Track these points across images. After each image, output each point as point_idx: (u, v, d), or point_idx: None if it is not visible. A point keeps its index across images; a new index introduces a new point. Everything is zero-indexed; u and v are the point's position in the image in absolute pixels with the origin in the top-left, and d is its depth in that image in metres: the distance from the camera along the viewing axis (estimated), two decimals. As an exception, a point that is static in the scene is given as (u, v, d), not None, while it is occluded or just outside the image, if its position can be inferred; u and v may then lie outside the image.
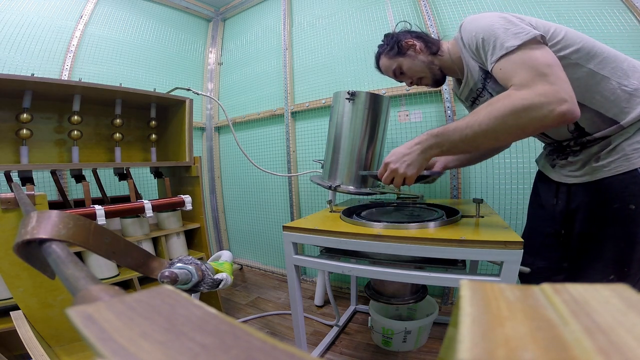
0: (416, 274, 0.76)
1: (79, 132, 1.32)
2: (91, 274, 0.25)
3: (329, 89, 1.86)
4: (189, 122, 1.47)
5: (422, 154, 0.75)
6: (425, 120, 1.59)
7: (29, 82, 1.10)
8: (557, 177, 0.86)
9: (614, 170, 0.72)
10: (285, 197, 2.08)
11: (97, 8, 1.88)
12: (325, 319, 1.54)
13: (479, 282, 0.16)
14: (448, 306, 1.59)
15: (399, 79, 0.99)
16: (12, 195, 0.79)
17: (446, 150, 0.72)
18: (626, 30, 1.29)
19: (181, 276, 0.50)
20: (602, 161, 0.73)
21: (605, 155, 0.73)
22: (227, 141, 2.37)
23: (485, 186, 1.46)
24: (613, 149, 0.72)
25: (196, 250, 1.56)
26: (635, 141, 0.70)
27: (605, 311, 0.13)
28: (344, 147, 1.26)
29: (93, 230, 0.38)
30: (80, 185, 1.24)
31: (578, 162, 0.79)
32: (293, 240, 0.92)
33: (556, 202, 0.87)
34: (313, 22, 2.02)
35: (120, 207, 1.20)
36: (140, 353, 0.12)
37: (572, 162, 0.81)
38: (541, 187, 0.96)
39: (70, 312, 0.15)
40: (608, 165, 0.72)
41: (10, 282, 0.81)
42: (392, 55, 0.94)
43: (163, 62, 2.16)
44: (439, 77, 0.93)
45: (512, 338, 0.12)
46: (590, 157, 0.76)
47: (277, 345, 0.13)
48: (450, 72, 0.93)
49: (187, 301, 0.17)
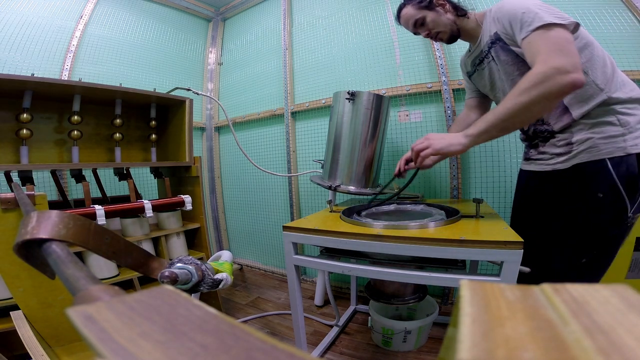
0: (416, 274, 0.76)
1: (79, 132, 1.32)
2: (91, 274, 0.25)
3: (329, 89, 1.86)
4: (189, 122, 1.47)
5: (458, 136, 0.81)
6: (425, 120, 1.59)
7: (29, 82, 1.10)
8: (529, 167, 0.97)
9: (579, 158, 0.80)
10: (285, 197, 2.08)
11: (97, 8, 1.88)
12: (325, 319, 1.54)
13: (479, 282, 0.16)
14: (448, 306, 1.59)
15: (416, 29, 1.02)
16: (12, 195, 0.79)
17: (484, 131, 0.78)
18: (626, 30, 1.29)
19: (181, 276, 0.50)
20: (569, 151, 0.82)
21: (569, 145, 0.82)
22: (227, 141, 2.37)
23: (485, 186, 1.46)
24: (577, 140, 0.80)
25: (196, 250, 1.56)
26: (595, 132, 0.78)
27: (605, 311, 0.13)
28: (344, 147, 1.26)
29: (93, 230, 0.38)
30: (80, 185, 1.24)
31: (546, 152, 0.89)
32: (293, 240, 0.92)
33: (527, 190, 0.99)
34: (313, 22, 2.02)
35: (120, 207, 1.20)
36: (140, 353, 0.12)
37: (542, 152, 0.90)
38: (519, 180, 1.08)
39: (70, 312, 0.15)
40: (576, 155, 0.81)
41: (10, 282, 0.81)
42: (421, 7, 0.98)
43: (163, 62, 2.16)
44: (455, 35, 0.99)
45: (512, 338, 0.12)
46: (557, 147, 0.85)
47: (277, 345, 0.13)
48: (465, 36, 1.00)
49: (187, 301, 0.17)
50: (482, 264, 1.41)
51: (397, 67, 1.67)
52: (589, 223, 0.79)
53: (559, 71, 0.68)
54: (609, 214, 0.76)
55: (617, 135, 0.76)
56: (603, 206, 0.76)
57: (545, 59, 0.70)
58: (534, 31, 0.74)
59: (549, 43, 0.71)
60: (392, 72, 1.69)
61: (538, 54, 0.72)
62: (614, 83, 0.77)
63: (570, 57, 0.69)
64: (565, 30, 0.72)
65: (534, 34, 0.74)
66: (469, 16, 0.96)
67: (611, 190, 0.75)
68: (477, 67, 1.02)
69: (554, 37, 0.71)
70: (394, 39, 1.69)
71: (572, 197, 0.82)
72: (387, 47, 1.71)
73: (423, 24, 0.99)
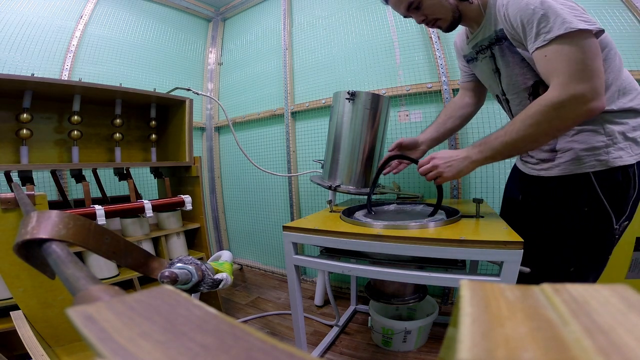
0: (416, 274, 0.76)
1: (79, 132, 1.32)
2: (91, 274, 0.25)
3: (329, 89, 1.86)
4: (189, 122, 1.47)
5: (465, 160, 0.80)
6: (425, 120, 1.59)
7: (29, 82, 1.10)
8: (520, 166, 0.96)
9: (563, 170, 0.78)
10: (285, 197, 2.08)
11: (97, 8, 1.88)
12: (325, 319, 1.54)
13: (479, 282, 0.16)
14: (448, 306, 1.59)
15: (410, 13, 0.87)
16: (12, 195, 0.79)
17: (490, 157, 0.77)
18: (626, 30, 1.29)
19: (181, 276, 0.50)
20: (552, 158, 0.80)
21: (553, 152, 0.80)
22: (227, 141, 2.37)
23: (485, 186, 1.46)
24: (560, 148, 0.78)
25: (196, 250, 1.56)
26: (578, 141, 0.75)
27: (605, 311, 0.13)
28: (344, 147, 1.26)
29: (93, 230, 0.38)
30: (80, 185, 1.24)
31: (533, 157, 0.87)
32: (293, 240, 0.92)
33: (518, 194, 0.97)
34: (313, 22, 2.02)
35: (120, 207, 1.20)
36: (140, 353, 0.12)
37: (530, 156, 0.89)
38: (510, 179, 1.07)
39: (70, 312, 0.15)
40: (559, 165, 0.79)
41: (10, 282, 0.81)
42: None
43: (163, 62, 2.16)
44: (456, 22, 0.87)
45: (512, 338, 0.12)
46: (542, 151, 0.83)
47: (277, 345, 0.13)
48: (465, 22, 0.88)
49: (187, 301, 0.17)
50: (482, 264, 1.41)
51: (397, 67, 1.67)
52: (576, 232, 0.77)
53: (578, 100, 0.62)
54: (595, 226, 0.75)
55: (600, 147, 0.72)
56: (589, 219, 0.75)
57: (564, 82, 0.63)
58: (553, 41, 0.63)
59: (570, 62, 0.62)
60: (392, 72, 1.69)
61: (556, 74, 0.64)
62: (614, 94, 0.73)
63: (593, 80, 0.61)
64: (592, 38, 0.62)
65: (553, 47, 0.64)
66: (473, 1, 0.82)
67: (596, 204, 0.74)
68: (477, 54, 0.92)
69: (577, 52, 0.62)
70: (394, 39, 1.69)
71: (557, 203, 0.80)
72: (387, 47, 1.71)
73: (418, 7, 0.84)
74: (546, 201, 0.83)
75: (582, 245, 0.77)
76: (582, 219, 0.76)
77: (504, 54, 0.82)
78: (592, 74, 0.62)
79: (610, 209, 0.73)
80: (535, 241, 0.80)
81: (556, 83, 0.65)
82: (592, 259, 0.79)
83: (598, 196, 0.73)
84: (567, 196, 0.78)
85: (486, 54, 0.88)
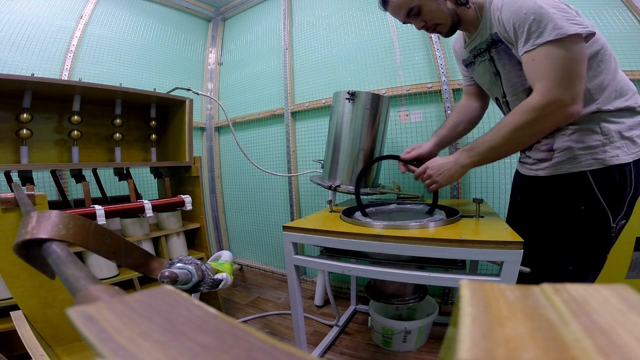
0: (416, 274, 0.76)
1: (79, 132, 1.32)
2: (91, 274, 0.25)
3: (329, 89, 1.86)
4: (189, 122, 1.47)
5: (455, 165, 0.85)
6: (425, 120, 1.59)
7: (29, 82, 1.10)
8: (519, 169, 0.97)
9: (560, 169, 0.79)
10: (285, 197, 2.08)
11: (97, 8, 1.88)
12: (325, 319, 1.54)
13: (479, 282, 0.16)
14: (448, 306, 1.59)
15: (410, 19, 0.87)
16: (12, 195, 0.79)
17: (477, 161, 0.82)
18: (626, 30, 1.29)
19: (181, 276, 0.50)
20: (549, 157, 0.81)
21: (550, 152, 0.81)
22: (227, 141, 2.37)
23: (485, 186, 1.46)
24: (557, 147, 0.79)
25: (196, 250, 1.56)
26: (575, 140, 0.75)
27: (605, 311, 0.13)
28: (344, 147, 1.26)
29: (93, 230, 0.38)
30: (80, 185, 1.24)
31: (530, 157, 0.88)
32: (293, 240, 0.92)
33: (517, 195, 0.99)
34: (313, 22, 2.02)
35: (120, 207, 1.20)
36: (140, 353, 0.12)
37: (528, 157, 0.89)
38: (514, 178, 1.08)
39: (70, 312, 0.15)
40: (556, 165, 0.80)
41: (10, 282, 0.81)
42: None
43: (163, 62, 2.16)
44: (455, 27, 0.87)
45: (512, 338, 0.12)
46: (540, 151, 0.84)
47: (277, 345, 0.13)
48: (463, 26, 0.89)
49: (187, 301, 0.17)
50: (482, 264, 1.41)
51: (397, 67, 1.67)
52: (574, 231, 0.78)
53: (557, 105, 0.66)
54: (593, 225, 0.76)
55: (596, 145, 0.73)
56: (586, 217, 0.76)
57: (547, 88, 0.66)
58: (542, 46, 0.66)
59: (557, 67, 0.65)
60: (392, 72, 1.69)
61: (541, 79, 0.67)
62: (610, 94, 0.74)
63: (575, 86, 0.65)
64: (581, 43, 0.64)
65: (542, 51, 0.66)
66: (470, 5, 0.83)
67: (593, 203, 0.74)
68: (475, 58, 0.93)
69: (564, 58, 0.64)
70: (394, 39, 1.69)
71: (555, 202, 0.81)
72: (387, 47, 1.71)
73: (418, 14, 0.84)
74: (544, 200, 0.84)
75: (580, 244, 0.78)
76: (579, 218, 0.76)
77: (500, 56, 0.83)
78: (574, 80, 0.65)
79: (607, 207, 0.74)
80: (535, 241, 0.80)
81: (539, 88, 0.68)
82: (591, 257, 0.79)
83: (595, 195, 0.74)
84: (564, 195, 0.79)
85: (484, 58, 0.89)
